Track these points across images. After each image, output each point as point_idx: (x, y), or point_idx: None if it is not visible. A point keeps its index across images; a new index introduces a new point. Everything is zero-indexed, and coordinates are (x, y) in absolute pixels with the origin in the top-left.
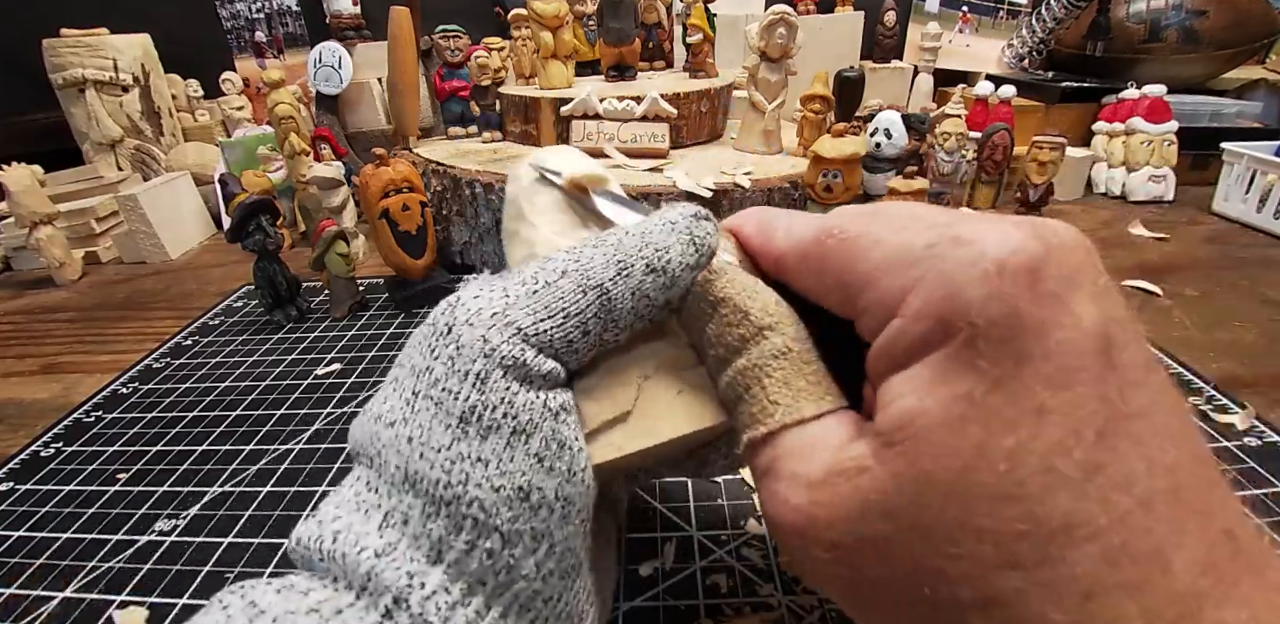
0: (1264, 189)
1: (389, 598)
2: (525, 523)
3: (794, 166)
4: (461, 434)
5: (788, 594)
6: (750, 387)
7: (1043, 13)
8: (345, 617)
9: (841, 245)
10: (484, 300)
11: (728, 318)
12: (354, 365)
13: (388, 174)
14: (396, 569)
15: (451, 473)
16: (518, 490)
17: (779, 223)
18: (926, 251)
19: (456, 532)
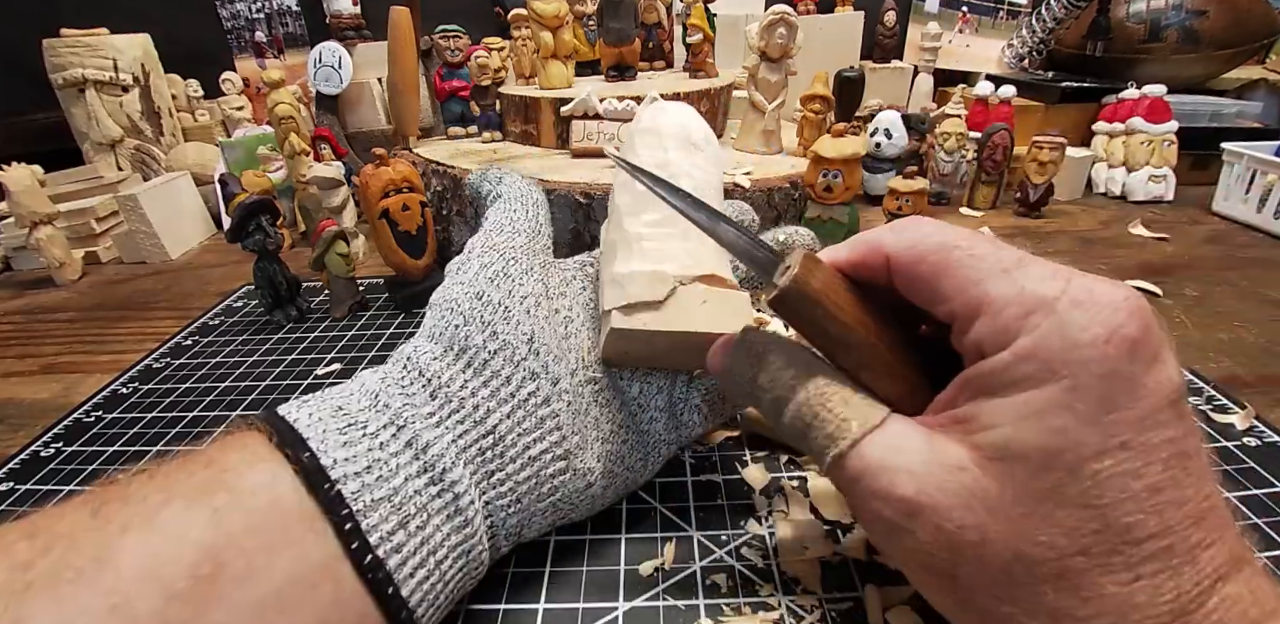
0: (1264, 189)
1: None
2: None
3: (794, 166)
4: (456, 304)
5: (788, 594)
6: (818, 413)
7: (1043, 13)
8: (435, 372)
9: (971, 260)
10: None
11: (775, 364)
12: (354, 365)
13: (388, 174)
14: (432, 360)
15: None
16: (524, 335)
17: (877, 232)
18: (1051, 305)
19: (457, 362)
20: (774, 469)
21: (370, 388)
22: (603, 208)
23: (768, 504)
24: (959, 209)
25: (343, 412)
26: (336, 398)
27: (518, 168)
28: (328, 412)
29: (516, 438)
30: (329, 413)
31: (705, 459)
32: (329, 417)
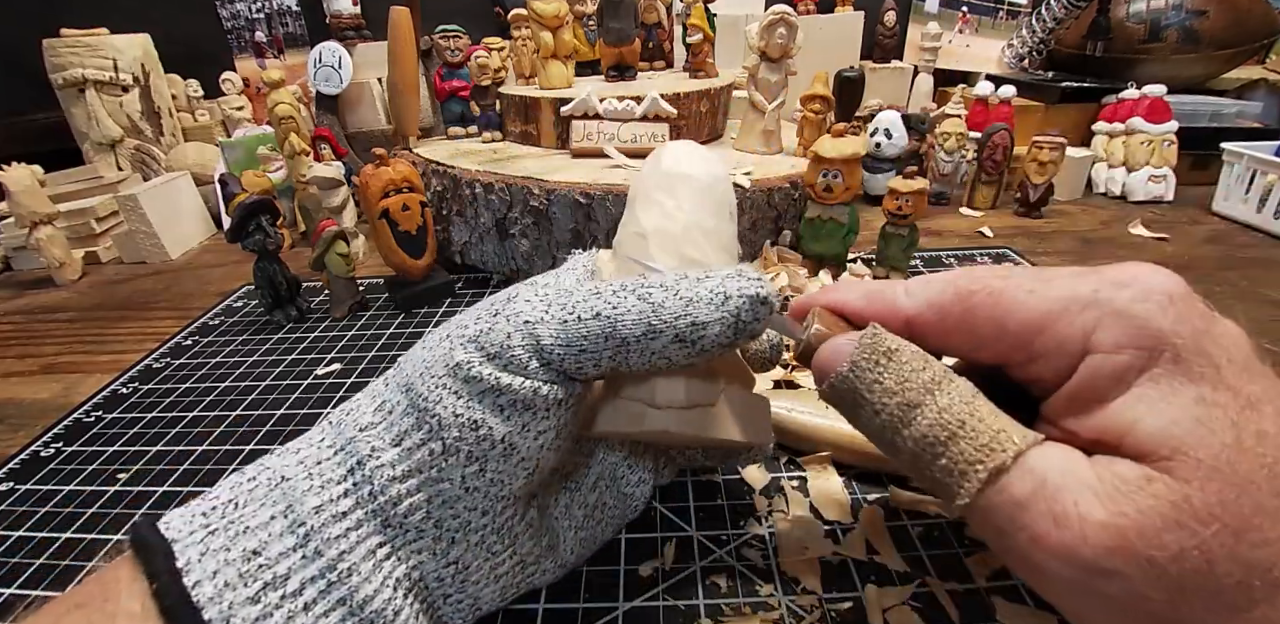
0: (1264, 189)
1: (354, 459)
2: (466, 444)
3: (794, 166)
4: (452, 373)
5: (788, 594)
6: (965, 422)
7: (1043, 13)
8: (322, 467)
9: (992, 299)
10: (529, 306)
11: (910, 364)
12: (354, 365)
13: (388, 174)
14: (367, 441)
15: (433, 392)
16: (470, 422)
17: (890, 289)
18: (1094, 296)
19: (417, 429)
20: (774, 469)
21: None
22: (603, 208)
23: (768, 504)
24: (959, 209)
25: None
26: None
27: (517, 168)
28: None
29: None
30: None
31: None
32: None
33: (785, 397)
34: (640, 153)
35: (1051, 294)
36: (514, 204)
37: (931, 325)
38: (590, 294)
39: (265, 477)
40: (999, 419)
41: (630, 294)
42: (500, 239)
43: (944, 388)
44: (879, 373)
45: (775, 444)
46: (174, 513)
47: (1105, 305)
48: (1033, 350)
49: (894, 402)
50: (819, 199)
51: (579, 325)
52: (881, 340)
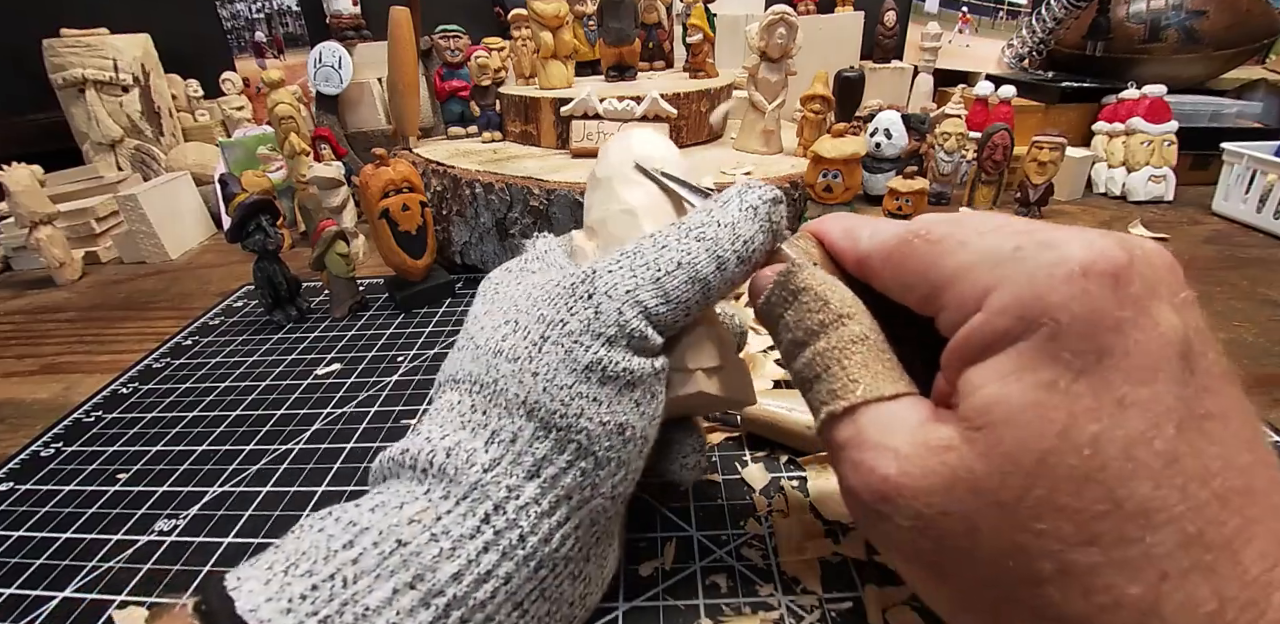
0: (1264, 189)
1: (489, 505)
2: (616, 451)
3: (794, 166)
4: (585, 379)
5: (788, 594)
6: (830, 367)
7: (1043, 13)
8: (445, 523)
9: (927, 245)
10: (619, 276)
11: (808, 305)
12: (354, 365)
13: (388, 174)
14: (498, 482)
15: (569, 406)
16: (618, 426)
17: (863, 228)
18: (1013, 254)
19: (559, 452)
20: (774, 469)
21: None
22: None
23: (768, 504)
24: (959, 209)
25: None
26: None
27: (517, 168)
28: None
29: None
30: None
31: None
32: None
33: (785, 397)
34: None
35: (979, 246)
36: (514, 204)
37: (874, 268)
38: (659, 249)
39: (370, 540)
40: (862, 370)
41: (689, 238)
42: (500, 239)
43: (828, 332)
44: (784, 309)
45: (775, 444)
46: (255, 590)
47: (1016, 265)
48: (942, 301)
49: (788, 337)
50: (819, 199)
51: (669, 278)
52: (791, 279)
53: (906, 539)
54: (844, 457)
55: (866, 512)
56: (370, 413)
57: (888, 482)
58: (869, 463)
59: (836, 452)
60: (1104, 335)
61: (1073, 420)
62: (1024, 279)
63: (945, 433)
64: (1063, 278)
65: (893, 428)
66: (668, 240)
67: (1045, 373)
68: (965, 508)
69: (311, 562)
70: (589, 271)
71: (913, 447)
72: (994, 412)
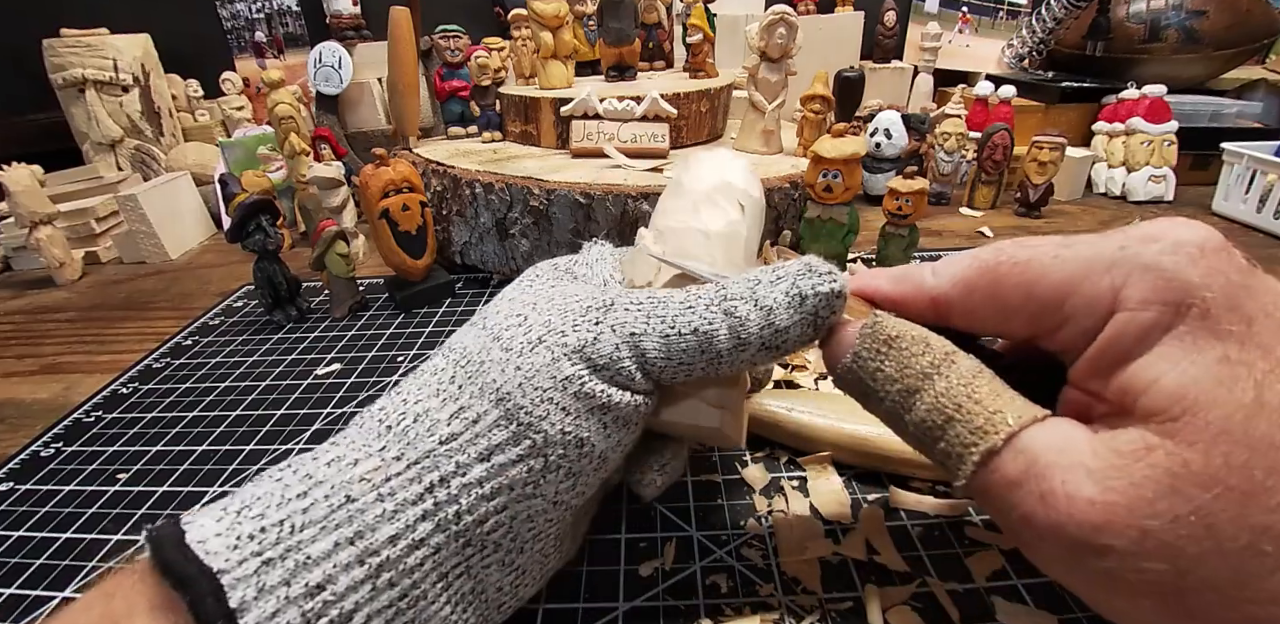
0: (1264, 189)
1: (436, 476)
2: (569, 461)
3: (794, 166)
4: (561, 388)
5: (788, 594)
6: (961, 405)
7: (1043, 13)
8: (393, 484)
9: (1017, 268)
10: (631, 317)
11: (909, 350)
12: (354, 365)
13: (388, 174)
14: (450, 456)
15: (537, 407)
16: (578, 440)
17: (918, 271)
18: (1121, 253)
19: (514, 444)
20: (774, 469)
21: None
22: (603, 208)
23: (768, 504)
24: (959, 209)
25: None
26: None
27: (517, 168)
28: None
29: None
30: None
31: (705, 459)
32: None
33: (785, 397)
34: (640, 153)
35: (1078, 255)
36: (514, 204)
37: (958, 302)
38: (684, 307)
39: (321, 493)
40: (998, 399)
41: (718, 309)
42: (500, 239)
43: (943, 371)
44: (880, 361)
45: (775, 444)
46: (206, 525)
47: (1132, 261)
48: (1063, 314)
49: (894, 389)
50: (819, 199)
51: (679, 340)
52: (882, 328)
53: (1135, 568)
54: (1024, 494)
55: (1076, 550)
56: None
57: (1095, 504)
58: (1062, 490)
59: (1009, 494)
60: (1244, 304)
61: (1260, 385)
62: (1152, 270)
63: (1134, 435)
64: (1188, 260)
65: (1069, 447)
66: (697, 302)
67: (1215, 349)
68: (1196, 506)
69: (265, 506)
70: (608, 302)
71: (1104, 459)
72: (1187, 395)
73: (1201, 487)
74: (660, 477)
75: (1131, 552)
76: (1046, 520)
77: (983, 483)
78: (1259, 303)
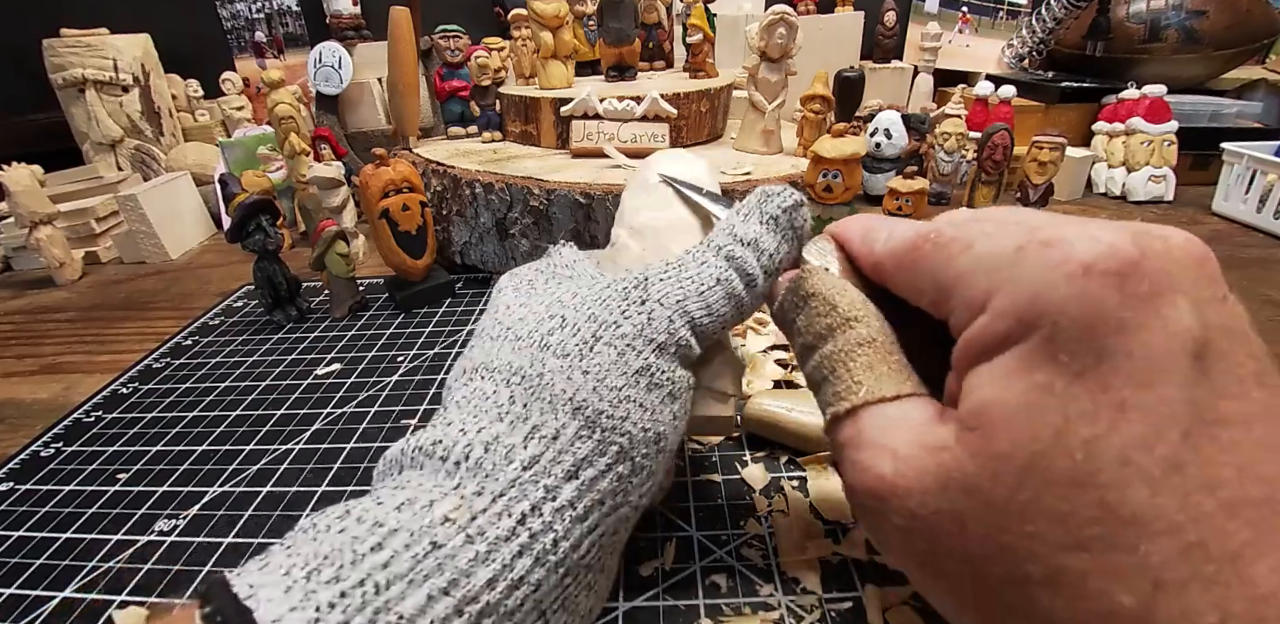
0: (1264, 189)
1: (526, 505)
2: (650, 460)
3: (794, 166)
4: (635, 383)
5: (788, 594)
6: (836, 369)
7: (1043, 13)
8: (480, 523)
9: (936, 249)
10: (670, 285)
11: (817, 309)
12: (354, 365)
13: (388, 174)
14: (536, 481)
15: (618, 408)
16: (657, 435)
17: (881, 230)
18: (1015, 255)
19: (600, 454)
20: (774, 469)
21: None
22: (603, 208)
23: (768, 504)
24: (959, 209)
25: None
26: None
27: (517, 168)
28: None
29: None
30: None
31: (705, 459)
32: None
33: (785, 397)
34: (640, 153)
35: (982, 249)
36: (514, 204)
37: (888, 271)
38: (699, 264)
39: (401, 542)
40: (867, 372)
41: (720, 257)
42: (500, 239)
43: (835, 335)
44: (795, 314)
45: (775, 444)
46: (275, 598)
47: (1017, 267)
48: (950, 304)
49: (800, 341)
50: (819, 199)
51: (710, 293)
52: (801, 284)
53: (901, 538)
54: (845, 456)
55: (865, 510)
56: (370, 413)
57: (883, 481)
58: (866, 462)
59: (839, 451)
60: (1104, 337)
61: (1067, 423)
62: (1024, 281)
63: (942, 433)
64: (1062, 278)
65: (893, 428)
66: (704, 256)
67: (1041, 375)
68: (956, 507)
69: (337, 566)
70: (641, 278)
71: (911, 447)
72: (989, 412)
73: (964, 494)
74: (668, 480)
75: (900, 525)
76: (848, 481)
77: (829, 437)
78: (1127, 340)
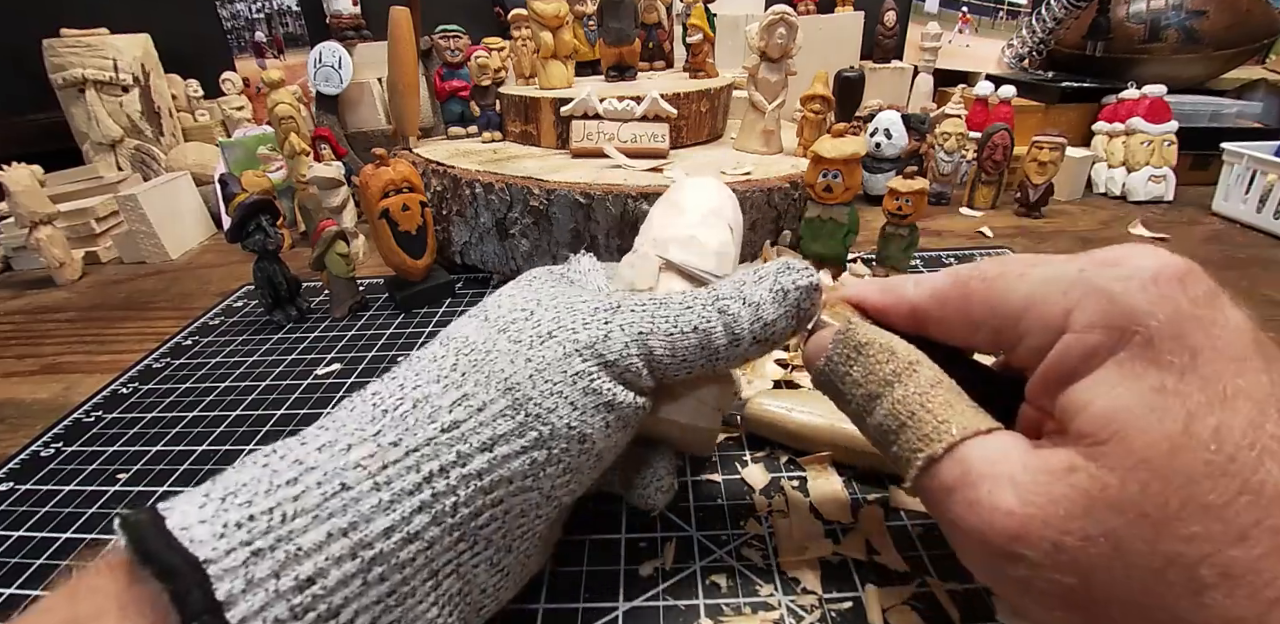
0: (1264, 189)
1: (435, 465)
2: (570, 456)
3: (794, 166)
4: (571, 382)
5: (788, 594)
6: (915, 412)
7: (1043, 13)
8: (390, 473)
9: (985, 284)
10: (638, 317)
11: (875, 357)
12: (354, 365)
13: (388, 174)
14: (451, 445)
15: (547, 399)
16: (581, 435)
17: (902, 283)
18: (1080, 275)
19: (519, 436)
20: (774, 469)
21: None
22: (603, 208)
23: (768, 504)
24: (959, 209)
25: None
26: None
27: (517, 168)
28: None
29: None
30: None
31: (705, 459)
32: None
33: (785, 397)
34: (640, 153)
35: (1041, 275)
36: (514, 204)
37: (932, 313)
38: (683, 307)
39: (314, 480)
40: (949, 410)
41: (712, 308)
42: (500, 239)
43: (903, 380)
44: (849, 366)
45: (775, 444)
46: (189, 511)
47: (1087, 284)
48: (1019, 330)
49: (859, 393)
50: (819, 199)
51: (682, 337)
52: (852, 335)
53: (1046, 579)
54: (955, 500)
55: (994, 556)
56: None
57: (1013, 516)
58: (987, 500)
59: (944, 498)
60: (1191, 334)
61: (1191, 417)
62: (1103, 294)
63: (1063, 455)
64: (1138, 287)
65: (1001, 461)
66: (694, 303)
67: (1152, 378)
68: (1108, 528)
69: (252, 493)
70: (615, 304)
71: (1031, 474)
72: (1116, 421)
73: (1115, 511)
74: (670, 479)
75: (1043, 563)
76: (969, 526)
77: (924, 486)
78: (1208, 335)
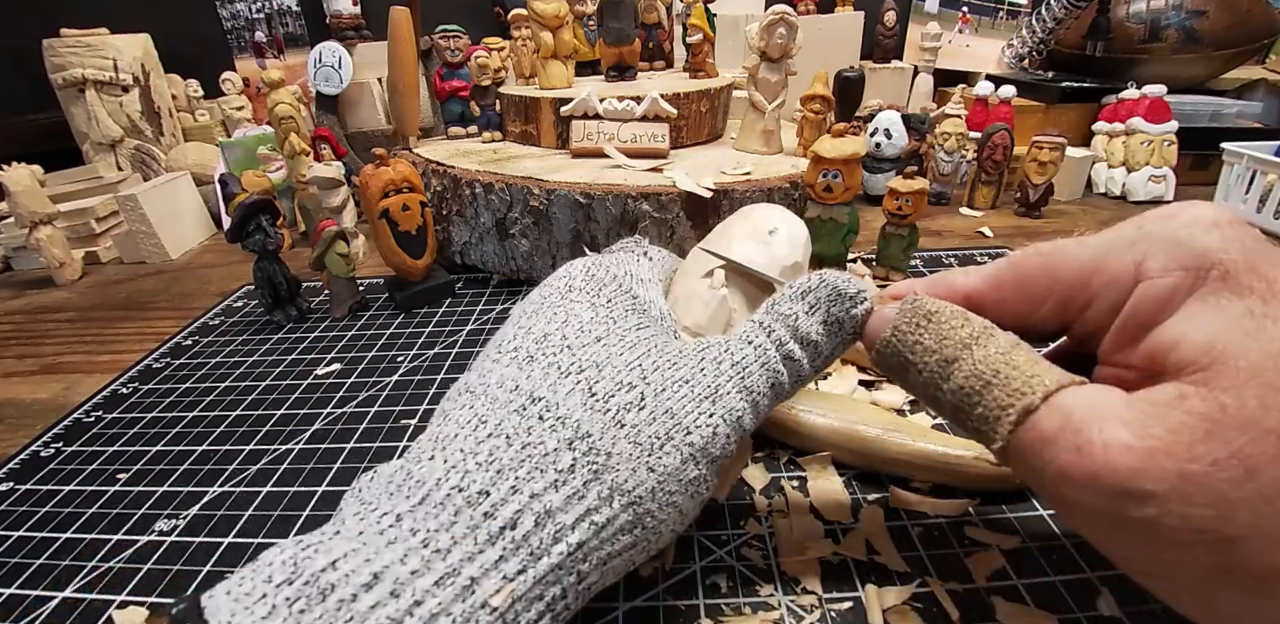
0: (1264, 189)
1: (558, 590)
2: (660, 545)
3: (794, 166)
4: (685, 492)
5: (788, 594)
6: (999, 371)
7: (1043, 13)
8: (517, 608)
9: (1043, 258)
10: (736, 399)
11: (950, 323)
12: (354, 365)
13: (388, 174)
14: (573, 568)
15: (664, 511)
16: (676, 534)
17: (950, 274)
18: (1140, 231)
19: (632, 547)
20: (774, 469)
21: None
22: (603, 208)
23: (768, 504)
24: (959, 209)
25: None
26: None
27: (517, 168)
28: None
29: None
30: None
31: None
32: None
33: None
34: (640, 153)
35: (1100, 239)
36: (514, 204)
37: (988, 296)
38: (760, 366)
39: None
40: (1035, 366)
41: (778, 357)
42: (500, 239)
43: (982, 342)
44: (920, 334)
45: (775, 444)
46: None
47: (1152, 236)
48: (1089, 293)
49: (933, 359)
50: (819, 199)
51: (765, 402)
52: (922, 304)
53: (1178, 515)
54: (1061, 448)
55: (1116, 498)
56: (370, 413)
57: (1133, 450)
58: (1099, 439)
59: (1044, 450)
60: (1263, 267)
61: None
62: (1170, 240)
63: (1168, 388)
64: (1203, 230)
65: (1104, 403)
66: (767, 358)
67: (1238, 306)
68: (1234, 448)
69: None
70: (715, 387)
71: (1139, 410)
72: (1215, 347)
73: (1239, 429)
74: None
75: (1173, 497)
76: (1083, 471)
77: (1019, 443)
78: (1276, 265)
